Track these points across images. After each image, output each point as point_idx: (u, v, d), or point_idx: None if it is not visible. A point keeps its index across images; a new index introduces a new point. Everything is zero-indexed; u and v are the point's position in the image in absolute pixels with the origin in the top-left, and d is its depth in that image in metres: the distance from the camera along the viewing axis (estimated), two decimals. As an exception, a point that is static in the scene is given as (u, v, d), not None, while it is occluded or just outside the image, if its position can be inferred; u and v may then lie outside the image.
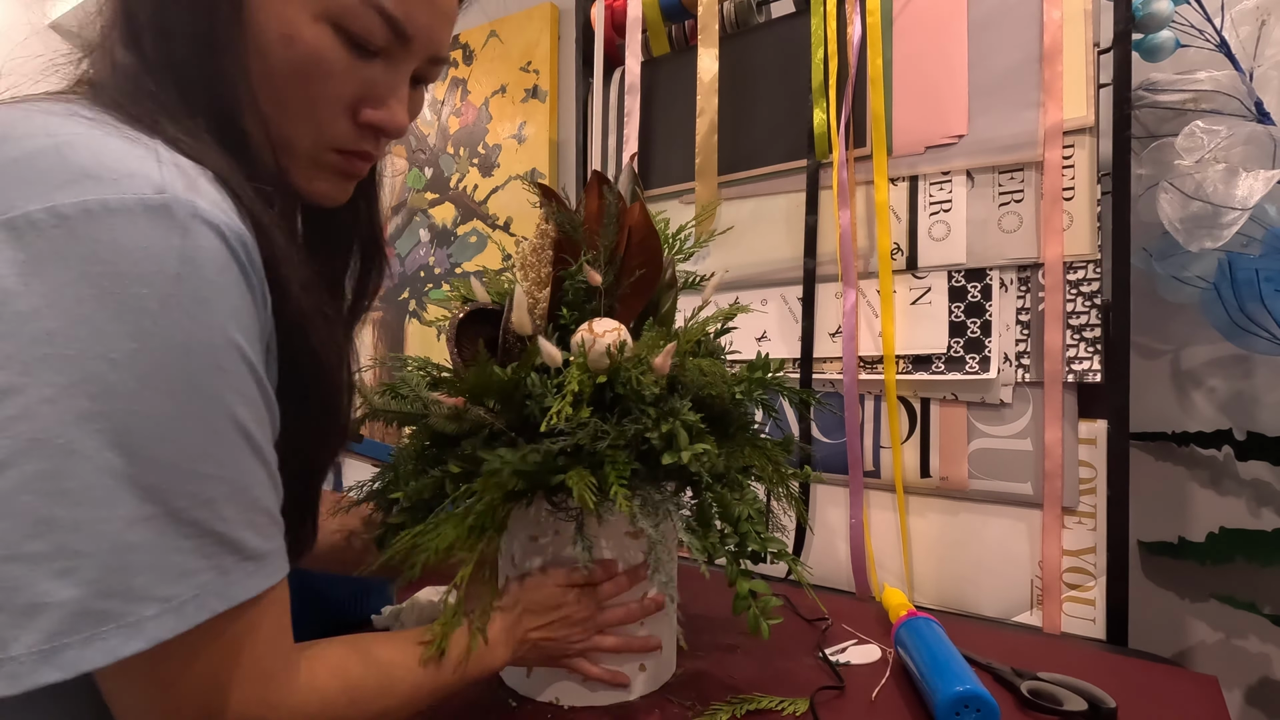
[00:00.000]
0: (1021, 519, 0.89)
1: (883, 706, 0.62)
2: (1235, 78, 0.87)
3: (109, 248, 0.28)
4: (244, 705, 0.35)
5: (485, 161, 1.63)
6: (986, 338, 0.90)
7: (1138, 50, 0.87)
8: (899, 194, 0.97)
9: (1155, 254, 0.92)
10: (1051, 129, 0.85)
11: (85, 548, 0.27)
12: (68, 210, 0.28)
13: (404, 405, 0.59)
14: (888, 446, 0.97)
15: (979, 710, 0.56)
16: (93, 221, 0.28)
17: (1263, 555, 0.89)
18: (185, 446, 0.30)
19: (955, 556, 0.93)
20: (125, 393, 0.28)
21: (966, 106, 0.92)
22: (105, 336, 0.28)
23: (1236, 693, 0.97)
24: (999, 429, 0.90)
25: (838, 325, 1.01)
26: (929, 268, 0.94)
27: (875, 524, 0.98)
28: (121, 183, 0.29)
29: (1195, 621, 1.00)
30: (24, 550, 0.26)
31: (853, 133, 0.99)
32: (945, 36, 0.93)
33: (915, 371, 0.94)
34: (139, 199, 0.29)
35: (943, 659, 0.62)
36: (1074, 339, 0.85)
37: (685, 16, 1.16)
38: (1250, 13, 0.88)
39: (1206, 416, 0.99)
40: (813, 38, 1.03)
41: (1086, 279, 0.84)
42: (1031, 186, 0.88)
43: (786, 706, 0.61)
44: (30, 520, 0.27)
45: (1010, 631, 0.84)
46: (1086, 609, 0.84)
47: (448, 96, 1.70)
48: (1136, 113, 0.93)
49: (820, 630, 0.79)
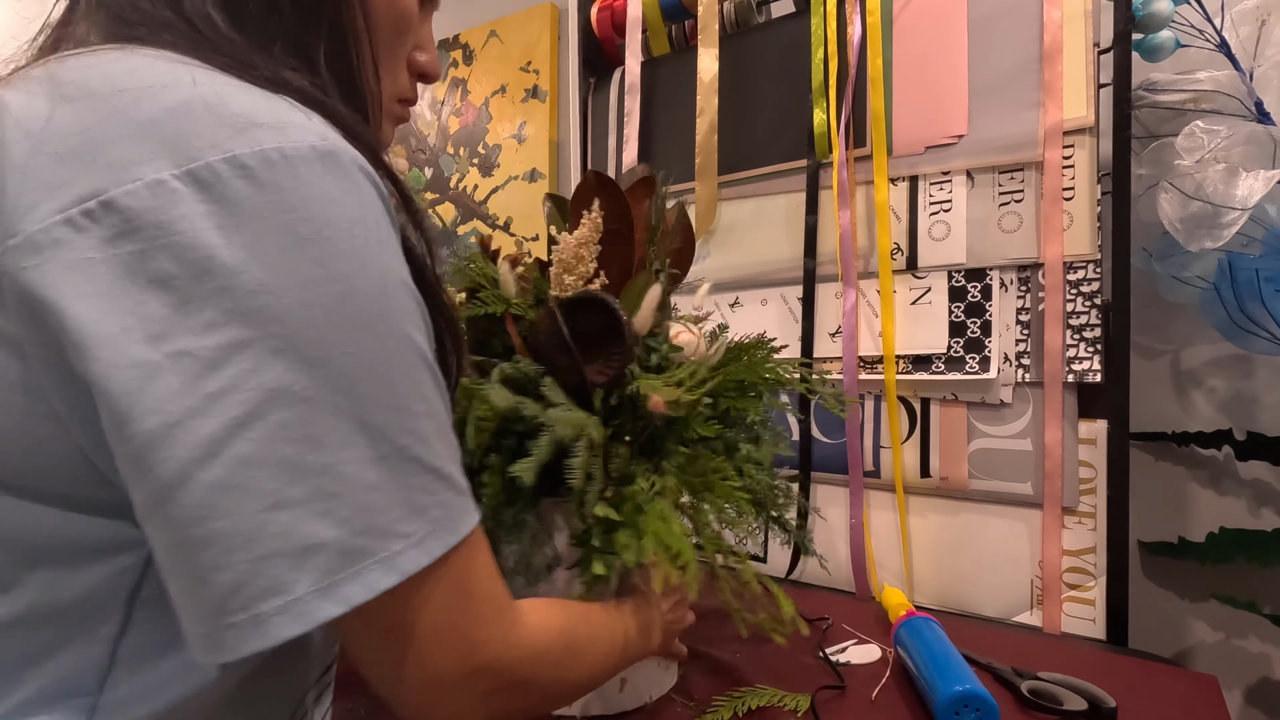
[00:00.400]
0: (1021, 519, 0.89)
1: (883, 706, 0.62)
2: (1235, 78, 0.87)
3: (295, 194, 0.28)
4: (489, 645, 0.35)
5: (485, 161, 1.63)
6: (986, 338, 0.90)
7: (1138, 50, 0.87)
8: (899, 194, 0.97)
9: (1155, 254, 0.92)
10: (1051, 129, 0.85)
11: (337, 489, 0.28)
12: (248, 159, 0.27)
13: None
14: (888, 446, 0.97)
15: (979, 710, 0.56)
16: (275, 169, 0.28)
17: (1263, 555, 0.89)
18: (397, 385, 0.31)
19: (955, 556, 0.93)
20: (341, 338, 0.29)
21: (966, 106, 0.92)
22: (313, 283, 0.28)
23: (1236, 693, 0.97)
24: (999, 429, 0.90)
25: (838, 325, 1.01)
26: (929, 268, 0.94)
27: (875, 524, 0.98)
28: (288, 131, 0.29)
29: (1195, 621, 1.00)
30: (287, 496, 0.27)
31: (853, 133, 0.99)
32: (945, 36, 0.93)
33: (915, 371, 0.94)
34: (310, 146, 0.29)
35: (942, 659, 0.62)
36: (1074, 339, 0.85)
37: (685, 16, 1.16)
38: (1250, 13, 0.88)
39: (1206, 416, 0.99)
40: (813, 38, 1.03)
41: (1086, 279, 0.84)
42: (1031, 186, 0.88)
43: (788, 702, 0.61)
44: (287, 468, 0.27)
45: (1010, 631, 0.84)
46: (1086, 609, 0.84)
47: (448, 96, 1.70)
48: (1136, 113, 0.93)
49: (820, 630, 0.79)
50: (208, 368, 0.26)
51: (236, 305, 0.27)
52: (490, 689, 0.35)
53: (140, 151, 0.27)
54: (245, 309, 0.27)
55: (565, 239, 0.60)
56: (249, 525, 0.26)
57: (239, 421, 0.26)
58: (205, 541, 0.26)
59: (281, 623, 0.27)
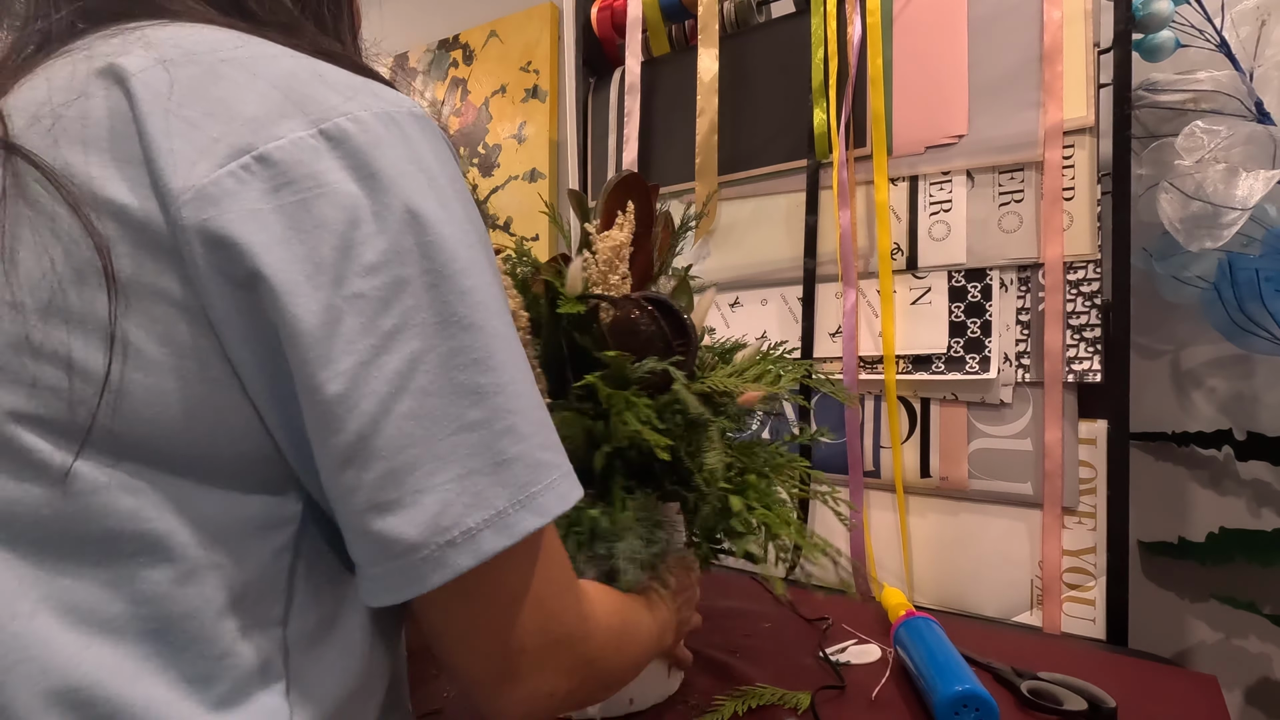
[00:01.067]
0: (1021, 519, 0.89)
1: (883, 706, 0.62)
2: (1235, 78, 0.87)
3: (410, 148, 0.30)
4: (564, 615, 0.35)
5: (485, 161, 1.63)
6: (986, 338, 0.90)
7: (1138, 50, 0.87)
8: (899, 194, 0.97)
9: (1155, 254, 0.92)
10: (1051, 129, 0.85)
11: (514, 406, 0.30)
12: (366, 118, 0.29)
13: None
14: (888, 446, 0.97)
15: (978, 710, 0.56)
16: (389, 127, 0.30)
17: (1263, 555, 0.89)
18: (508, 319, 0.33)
19: (955, 556, 0.93)
20: (479, 268, 0.31)
21: (966, 106, 0.92)
22: (447, 222, 0.30)
23: (1236, 693, 0.97)
24: (999, 429, 0.90)
25: (838, 325, 1.01)
26: (929, 268, 0.94)
27: (875, 524, 0.98)
28: (386, 95, 0.31)
29: (1195, 621, 1.00)
30: (471, 419, 0.29)
31: (853, 133, 0.99)
32: (945, 36, 0.93)
33: (915, 371, 0.94)
34: (409, 109, 0.32)
35: (942, 659, 0.62)
36: (1074, 339, 0.85)
37: (685, 16, 1.16)
38: (1250, 13, 0.88)
39: (1206, 416, 0.99)
40: (813, 38, 1.03)
41: (1086, 279, 0.84)
42: (1031, 186, 0.88)
43: (789, 700, 0.61)
44: (465, 392, 0.29)
45: (1010, 631, 0.84)
46: (1086, 609, 0.84)
47: (448, 96, 1.70)
48: (1136, 113, 0.93)
49: (820, 630, 0.79)
50: (380, 306, 0.28)
51: (389, 246, 0.28)
52: (566, 665, 0.35)
53: (271, 112, 0.28)
54: (397, 249, 0.28)
55: (613, 238, 0.60)
56: (445, 448, 0.28)
57: (416, 355, 0.28)
58: (409, 468, 0.28)
59: (489, 536, 0.28)
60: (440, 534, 0.28)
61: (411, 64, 1.75)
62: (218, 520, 0.29)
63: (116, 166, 0.27)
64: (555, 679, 0.35)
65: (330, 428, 0.28)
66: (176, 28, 0.31)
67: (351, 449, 0.28)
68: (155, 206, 0.26)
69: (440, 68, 1.70)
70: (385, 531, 0.28)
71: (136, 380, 0.27)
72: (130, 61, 0.28)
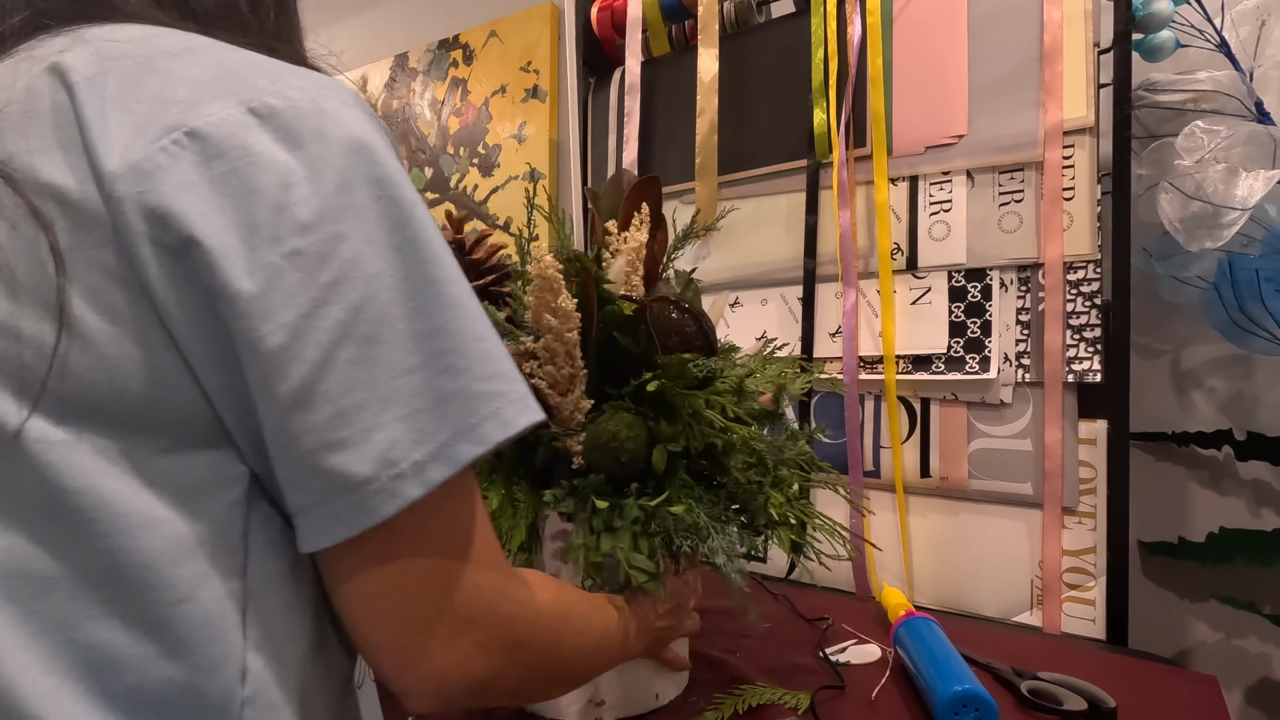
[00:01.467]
0: (1021, 519, 0.89)
1: (883, 706, 0.62)
2: (1235, 78, 0.87)
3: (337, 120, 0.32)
4: (483, 589, 0.35)
5: (485, 161, 1.63)
6: (986, 338, 0.90)
7: (1138, 50, 0.87)
8: (899, 194, 0.97)
9: (1155, 254, 0.92)
10: (1051, 129, 0.85)
11: (453, 345, 0.32)
12: (293, 95, 0.31)
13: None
14: (888, 446, 0.97)
15: (978, 710, 0.56)
16: (316, 102, 0.32)
17: (1263, 555, 0.89)
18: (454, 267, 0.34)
19: (955, 556, 0.93)
20: (415, 220, 0.32)
21: (966, 106, 0.92)
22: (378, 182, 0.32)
23: (1236, 693, 0.97)
24: (999, 429, 0.90)
25: (838, 325, 1.01)
26: (929, 268, 0.94)
27: (875, 524, 0.98)
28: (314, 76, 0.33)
29: (1195, 621, 1.00)
30: (411, 361, 0.31)
31: (853, 133, 0.99)
32: (945, 36, 0.93)
33: (915, 371, 0.94)
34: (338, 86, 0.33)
35: (942, 659, 0.62)
36: (1074, 339, 0.85)
37: (685, 16, 1.16)
38: (1250, 13, 0.88)
39: (1206, 416, 0.99)
40: (813, 38, 1.03)
41: (1086, 279, 0.84)
42: (1031, 186, 0.88)
43: (789, 700, 0.61)
44: (406, 337, 0.31)
45: (1010, 631, 0.84)
46: (1086, 609, 0.84)
47: (448, 96, 1.70)
48: (1136, 113, 0.93)
49: (820, 630, 0.79)
50: (318, 261, 0.30)
51: (324, 205, 0.30)
52: (484, 642, 0.35)
53: (202, 95, 0.30)
54: (332, 207, 0.30)
55: (636, 239, 0.61)
56: (390, 390, 0.30)
57: (358, 304, 0.30)
58: (357, 409, 0.30)
59: (435, 467, 0.30)
60: (390, 467, 0.30)
61: (411, 64, 1.75)
62: (165, 476, 0.30)
63: (58, 153, 0.29)
64: (471, 657, 0.34)
65: (275, 376, 0.29)
66: (118, 27, 0.33)
67: (298, 394, 0.29)
68: (92, 186, 0.28)
69: (440, 68, 1.70)
70: (337, 467, 0.30)
71: (78, 346, 0.28)
72: (70, 58, 0.30)
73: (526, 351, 0.55)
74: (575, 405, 0.55)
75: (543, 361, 0.55)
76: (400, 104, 1.77)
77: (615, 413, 0.54)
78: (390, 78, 1.79)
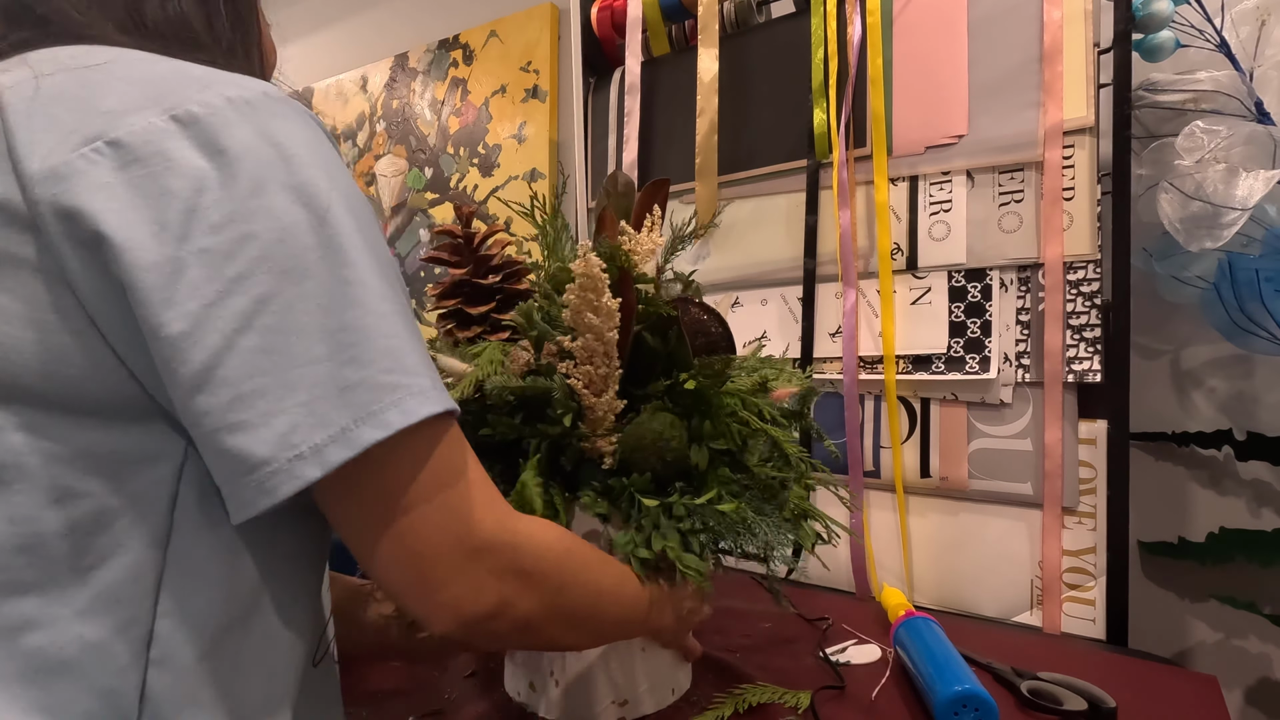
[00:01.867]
0: (1021, 519, 0.89)
1: (882, 706, 0.62)
2: (1235, 78, 0.87)
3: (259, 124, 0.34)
4: (484, 523, 0.37)
5: (485, 161, 1.63)
6: (986, 338, 0.90)
7: (1138, 50, 0.87)
8: (899, 194, 0.97)
9: (1155, 254, 0.92)
10: (1051, 129, 0.85)
11: (358, 340, 0.33)
12: (216, 101, 0.33)
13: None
14: (888, 446, 0.97)
15: (978, 710, 0.56)
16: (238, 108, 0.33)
17: (1263, 555, 0.89)
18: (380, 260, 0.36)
19: (955, 556, 0.93)
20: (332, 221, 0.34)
21: (966, 106, 0.92)
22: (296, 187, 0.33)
23: (1236, 693, 0.97)
24: (999, 429, 0.90)
25: (838, 325, 1.01)
26: (929, 268, 0.94)
27: (875, 524, 0.98)
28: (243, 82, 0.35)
29: (1195, 621, 1.00)
30: (316, 353, 0.32)
31: (853, 133, 0.99)
32: (945, 36, 0.93)
33: (915, 371, 0.94)
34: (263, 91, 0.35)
35: (942, 659, 0.62)
36: (1074, 339, 0.85)
37: (685, 16, 1.16)
38: (1250, 13, 0.88)
39: (1206, 416, 0.99)
40: (813, 38, 1.03)
41: (1086, 279, 0.84)
42: (1031, 186, 0.88)
43: (789, 700, 0.61)
44: (311, 331, 0.32)
45: (1010, 631, 0.84)
46: (1086, 609, 0.84)
47: (448, 96, 1.70)
48: (1136, 113, 0.93)
49: (820, 630, 0.79)
50: (225, 258, 0.31)
51: (236, 208, 0.32)
52: (495, 568, 0.38)
53: (129, 105, 0.32)
54: (243, 210, 0.32)
55: (653, 240, 0.62)
56: (294, 378, 0.32)
57: (263, 297, 0.32)
58: (257, 394, 0.31)
59: (334, 450, 0.32)
60: (288, 450, 0.31)
61: (411, 64, 1.75)
62: (93, 451, 0.33)
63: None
64: (484, 585, 0.37)
65: (176, 360, 0.31)
66: (61, 49, 0.35)
67: (198, 378, 0.31)
68: (16, 189, 0.31)
69: (440, 68, 1.70)
70: (236, 448, 0.31)
71: (6, 333, 0.31)
72: (5, 78, 0.33)
73: (562, 351, 0.55)
74: (609, 406, 0.54)
75: (580, 361, 0.54)
76: (400, 104, 1.77)
77: (655, 413, 0.54)
78: (390, 78, 1.79)
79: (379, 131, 1.82)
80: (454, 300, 0.62)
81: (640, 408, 0.55)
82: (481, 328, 0.62)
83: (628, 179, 0.68)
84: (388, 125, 1.80)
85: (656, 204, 0.62)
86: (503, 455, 0.56)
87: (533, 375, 0.56)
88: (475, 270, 0.63)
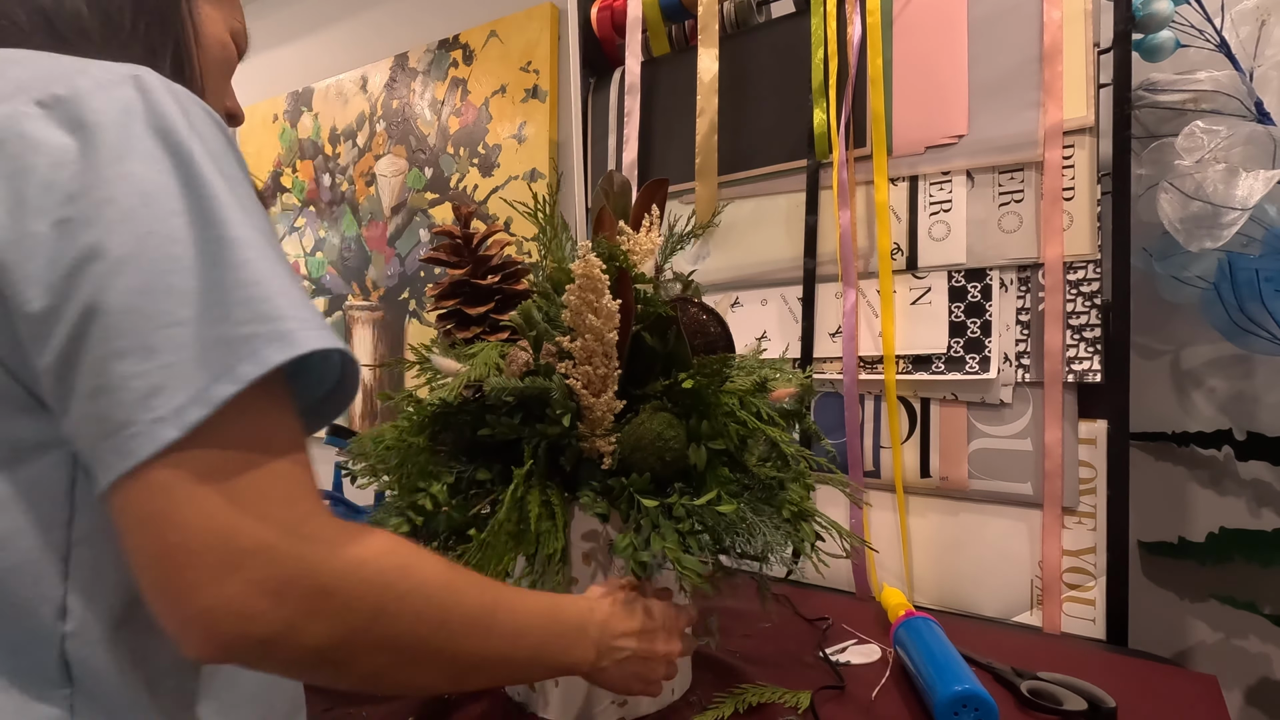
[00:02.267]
0: (1021, 519, 0.89)
1: (882, 706, 0.62)
2: (1235, 78, 0.87)
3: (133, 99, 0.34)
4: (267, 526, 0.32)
5: (485, 161, 1.63)
6: (986, 338, 0.90)
7: (1138, 50, 0.87)
8: (899, 194, 0.97)
9: (1155, 254, 0.92)
10: (1051, 129, 0.85)
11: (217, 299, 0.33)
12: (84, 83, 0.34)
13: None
14: (888, 446, 0.97)
15: (978, 710, 0.56)
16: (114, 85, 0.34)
17: (1263, 555, 0.89)
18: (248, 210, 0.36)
19: (955, 556, 0.93)
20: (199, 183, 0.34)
21: (966, 106, 0.92)
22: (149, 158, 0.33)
23: (1236, 693, 0.97)
24: (999, 429, 0.90)
25: (838, 325, 1.01)
26: (929, 268, 0.94)
27: (875, 524, 0.98)
28: (112, 66, 0.36)
29: (1195, 621, 1.00)
30: (178, 315, 0.32)
31: (853, 133, 0.99)
32: (945, 36, 0.93)
33: (915, 371, 0.94)
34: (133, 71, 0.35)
35: (941, 659, 0.62)
36: (1074, 339, 0.85)
37: (685, 16, 1.16)
38: (1250, 13, 0.88)
39: (1206, 416, 0.99)
40: (813, 38, 1.03)
41: (1086, 279, 0.84)
42: (1031, 186, 0.88)
43: (789, 699, 0.61)
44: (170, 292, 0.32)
45: (1010, 631, 0.84)
46: (1086, 609, 0.84)
47: (448, 96, 1.70)
48: (1136, 113, 0.92)
49: (820, 630, 0.79)
50: (84, 225, 0.32)
51: (94, 176, 0.32)
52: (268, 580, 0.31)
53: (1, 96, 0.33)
54: (103, 178, 0.32)
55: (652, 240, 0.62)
56: (155, 341, 0.31)
57: (122, 259, 0.32)
58: (119, 355, 0.31)
59: (192, 409, 0.31)
60: (149, 411, 0.31)
61: (411, 64, 1.75)
62: None
63: None
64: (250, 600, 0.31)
65: (44, 334, 0.32)
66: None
67: (65, 348, 0.31)
68: None
69: (440, 68, 1.70)
70: (100, 412, 0.31)
71: None
72: None
73: (560, 351, 0.55)
74: (608, 406, 0.54)
75: (579, 361, 0.54)
76: (400, 104, 1.77)
77: (654, 413, 0.54)
78: (390, 78, 1.79)
79: (379, 131, 1.82)
80: (453, 300, 0.62)
81: (639, 408, 0.55)
82: (480, 328, 0.62)
83: (624, 179, 0.68)
84: (388, 125, 1.80)
85: (655, 204, 0.62)
86: (502, 455, 0.56)
87: (531, 375, 0.56)
88: (474, 271, 0.63)
